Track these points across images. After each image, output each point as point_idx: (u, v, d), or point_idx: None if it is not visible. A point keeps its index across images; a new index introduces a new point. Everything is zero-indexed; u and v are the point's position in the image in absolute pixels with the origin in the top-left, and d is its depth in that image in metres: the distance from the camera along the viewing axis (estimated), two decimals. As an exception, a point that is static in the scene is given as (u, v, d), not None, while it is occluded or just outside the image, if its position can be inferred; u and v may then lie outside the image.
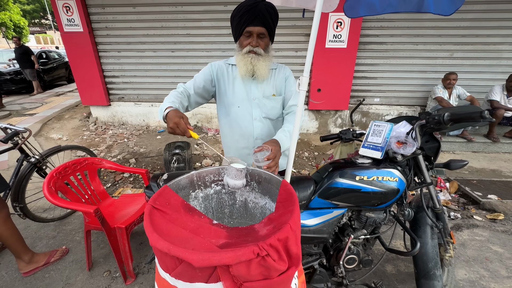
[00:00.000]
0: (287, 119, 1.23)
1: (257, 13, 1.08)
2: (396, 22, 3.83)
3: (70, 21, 4.01)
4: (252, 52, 1.16)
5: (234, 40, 1.25)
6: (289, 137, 1.08)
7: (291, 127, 1.12)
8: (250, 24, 1.10)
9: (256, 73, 1.20)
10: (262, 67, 1.18)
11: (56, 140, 4.15)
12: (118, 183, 2.97)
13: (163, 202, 0.74)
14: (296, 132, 0.97)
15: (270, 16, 1.11)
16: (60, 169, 1.62)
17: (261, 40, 1.16)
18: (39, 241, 2.03)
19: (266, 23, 1.11)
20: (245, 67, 1.18)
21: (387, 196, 1.16)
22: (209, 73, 1.28)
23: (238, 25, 1.13)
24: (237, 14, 1.12)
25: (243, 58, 1.17)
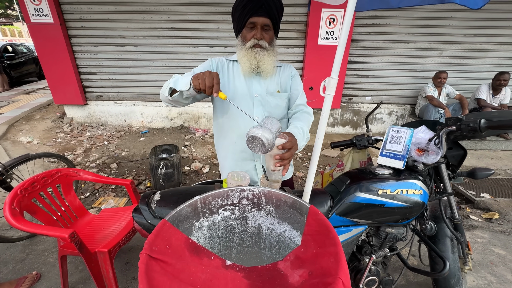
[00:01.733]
0: (296, 117, 1.11)
1: (262, 2, 0.95)
2: (388, 20, 3.79)
3: (37, 10, 3.59)
4: (257, 46, 1.01)
5: (235, 34, 1.09)
6: (303, 135, 0.98)
7: (303, 124, 1.01)
8: (254, 14, 0.97)
9: (261, 69, 1.06)
10: (268, 62, 1.05)
11: (25, 144, 3.73)
12: (98, 191, 2.69)
13: (162, 246, 0.56)
14: (319, 143, 0.82)
15: (276, 6, 0.99)
16: (27, 185, 1.36)
17: (265, 33, 1.02)
18: (4, 266, 1.74)
19: (272, 13, 0.99)
20: (249, 62, 1.04)
21: (412, 211, 1.04)
22: (209, 67, 1.13)
23: (241, 16, 0.98)
24: (240, 4, 0.98)
25: (247, 54, 1.02)
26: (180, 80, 0.90)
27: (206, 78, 0.79)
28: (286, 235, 0.79)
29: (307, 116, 1.08)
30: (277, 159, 0.75)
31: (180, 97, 0.93)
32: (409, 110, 4.37)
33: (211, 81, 0.78)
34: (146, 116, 4.42)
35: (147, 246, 0.53)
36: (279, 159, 0.75)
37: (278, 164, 0.75)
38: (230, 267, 0.64)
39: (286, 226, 0.79)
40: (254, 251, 0.88)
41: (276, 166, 0.75)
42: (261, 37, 1.00)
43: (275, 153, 0.75)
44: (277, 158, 0.75)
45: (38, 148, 3.65)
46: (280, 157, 0.76)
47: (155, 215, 0.90)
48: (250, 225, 0.84)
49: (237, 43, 1.08)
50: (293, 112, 1.11)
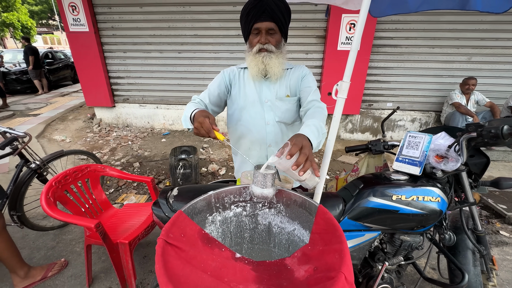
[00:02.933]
0: (309, 114, 1.01)
1: (264, 7, 0.97)
2: (412, 24, 3.68)
3: (76, 20, 3.93)
4: (263, 50, 1.04)
5: (244, 41, 1.13)
6: (318, 132, 0.86)
7: (315, 121, 0.91)
8: (258, 20, 0.99)
9: (269, 72, 1.08)
10: (275, 65, 1.06)
11: (59, 142, 4.05)
12: (121, 188, 2.85)
13: (177, 234, 0.61)
14: (330, 145, 0.83)
15: (279, 9, 1.00)
16: (60, 178, 1.50)
17: (271, 37, 1.04)
18: (37, 252, 1.90)
19: (275, 17, 1.00)
20: (256, 67, 1.07)
21: (428, 219, 1.02)
22: (222, 80, 1.18)
23: (246, 23, 1.02)
24: (244, 12, 1.02)
25: (254, 58, 1.05)
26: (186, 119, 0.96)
27: (201, 130, 0.84)
28: (296, 234, 0.81)
29: (320, 111, 1.00)
30: (294, 169, 0.67)
31: None
32: (434, 118, 4.18)
33: (204, 132, 0.83)
34: (168, 118, 4.62)
35: (164, 233, 0.58)
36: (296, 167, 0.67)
37: (302, 172, 0.67)
38: (239, 260, 0.67)
39: (295, 225, 0.81)
40: (264, 249, 0.91)
41: (300, 174, 0.68)
42: (266, 41, 1.02)
43: (289, 164, 0.68)
44: (294, 168, 0.67)
45: (70, 146, 3.95)
46: (295, 163, 0.67)
47: (172, 209, 0.96)
48: (260, 223, 0.87)
49: (245, 49, 1.12)
50: (306, 109, 1.05)
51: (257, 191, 0.74)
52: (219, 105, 1.18)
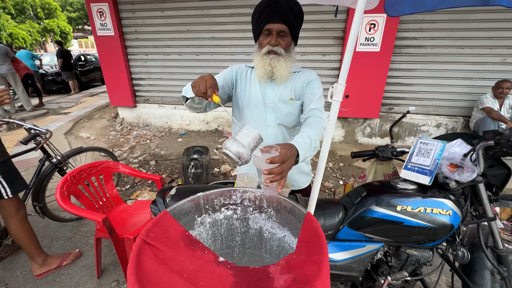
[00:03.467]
0: (307, 123, 0.99)
1: (277, 8, 0.95)
2: (438, 24, 3.46)
3: (103, 25, 4.18)
4: (272, 52, 1.02)
5: (254, 40, 1.12)
6: (309, 145, 0.83)
7: (312, 132, 0.88)
8: (270, 21, 0.98)
9: (276, 75, 1.06)
10: (282, 68, 1.04)
11: (85, 139, 4.32)
12: (136, 185, 2.97)
13: (159, 234, 0.61)
14: (325, 151, 0.80)
15: (292, 12, 0.97)
16: (75, 173, 1.59)
17: (281, 39, 1.02)
18: (56, 241, 2.03)
19: (288, 19, 0.97)
20: (263, 69, 1.06)
21: (437, 233, 0.94)
22: (229, 74, 1.18)
23: (257, 23, 1.01)
24: (256, 12, 1.01)
25: (262, 60, 1.04)
26: (188, 88, 0.93)
27: (200, 84, 0.80)
28: (286, 241, 0.79)
29: (319, 122, 0.97)
30: (265, 174, 0.66)
31: (193, 103, 0.98)
32: (462, 123, 3.88)
33: (204, 87, 0.79)
34: (185, 119, 4.74)
35: (144, 232, 0.58)
36: (267, 174, 0.66)
37: (268, 180, 0.65)
38: (222, 264, 0.66)
39: (286, 231, 0.79)
40: (256, 254, 0.89)
41: (266, 182, 0.66)
42: (276, 43, 1.01)
43: (264, 167, 0.66)
44: (265, 174, 0.66)
45: (94, 143, 4.20)
46: (268, 172, 0.66)
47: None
48: (252, 227, 0.86)
49: (254, 49, 1.11)
50: (306, 116, 1.03)
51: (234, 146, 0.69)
52: (221, 97, 1.19)
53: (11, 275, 1.71)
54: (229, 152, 0.69)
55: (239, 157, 0.69)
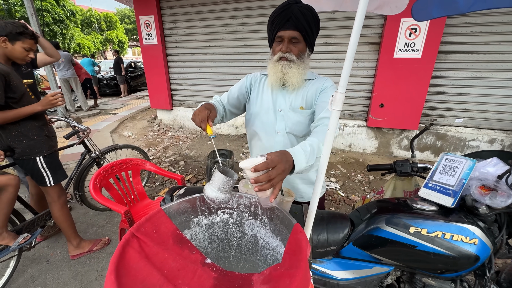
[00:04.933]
0: (315, 131, 0.96)
1: (289, 15, 0.95)
2: (493, 26, 3.06)
3: (148, 35, 4.61)
4: (283, 58, 1.02)
5: (269, 47, 1.13)
6: (310, 152, 0.79)
7: (315, 140, 0.84)
8: (282, 28, 0.98)
9: (287, 82, 1.06)
10: (294, 75, 1.03)
11: (126, 137, 4.77)
12: (165, 182, 3.17)
13: (150, 229, 0.65)
14: (324, 161, 0.76)
15: (305, 18, 0.96)
16: (108, 167, 1.77)
17: (293, 46, 1.00)
18: (91, 227, 2.27)
19: (300, 26, 0.96)
20: (275, 75, 1.06)
21: (458, 263, 0.82)
22: (244, 83, 1.21)
23: (270, 31, 1.02)
24: (270, 20, 1.02)
25: (274, 66, 1.05)
26: None
27: (196, 118, 0.88)
28: (278, 251, 0.77)
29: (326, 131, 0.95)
30: (252, 183, 0.64)
31: None
32: (523, 142, 3.35)
33: (198, 121, 0.87)
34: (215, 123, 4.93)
35: (135, 226, 0.63)
36: (253, 182, 0.63)
37: (257, 188, 0.63)
38: (207, 265, 0.67)
39: (278, 241, 0.77)
40: (251, 260, 0.89)
41: (255, 190, 0.65)
42: (288, 49, 1.00)
43: (250, 176, 0.64)
44: (252, 182, 0.64)
45: (134, 141, 4.61)
46: (254, 180, 0.63)
47: (174, 207, 1.02)
48: (247, 233, 0.86)
49: (268, 57, 1.12)
50: (315, 125, 0.99)
51: (209, 192, 0.72)
52: (238, 107, 1.22)
53: (52, 253, 1.96)
54: (206, 198, 0.73)
55: (214, 201, 0.72)
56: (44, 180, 1.63)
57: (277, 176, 0.66)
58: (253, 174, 0.64)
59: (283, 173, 0.68)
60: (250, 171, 0.63)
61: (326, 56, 3.78)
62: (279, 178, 0.67)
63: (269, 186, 0.65)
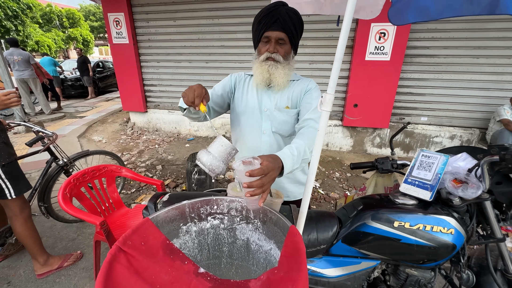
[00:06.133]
0: (300, 133, 0.99)
1: (276, 16, 0.96)
2: (452, 33, 3.37)
3: (118, 34, 4.36)
4: (270, 59, 1.02)
5: (254, 48, 1.13)
6: (297, 156, 0.82)
7: (302, 144, 0.87)
8: (269, 29, 0.98)
9: (273, 82, 1.06)
10: (280, 75, 1.04)
11: (96, 142, 4.46)
12: (142, 189, 3.01)
13: (137, 242, 0.60)
14: (315, 162, 0.77)
15: (292, 20, 0.98)
16: (79, 175, 1.63)
17: (280, 47, 1.02)
18: (60, 241, 2.08)
19: (287, 27, 0.98)
20: (261, 75, 1.05)
21: (438, 252, 0.88)
22: (228, 82, 1.19)
23: (257, 31, 1.02)
24: (256, 20, 1.02)
25: (260, 66, 1.04)
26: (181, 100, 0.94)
27: (189, 94, 0.81)
28: (272, 254, 0.76)
29: (312, 133, 0.95)
30: (245, 187, 0.63)
31: (189, 113, 0.99)
32: (478, 135, 3.71)
33: (192, 96, 0.80)
34: (193, 125, 4.81)
35: (121, 239, 0.58)
36: (247, 187, 0.63)
37: (248, 194, 0.63)
38: (201, 275, 0.64)
39: (272, 244, 0.76)
40: (243, 265, 0.86)
41: (246, 195, 0.64)
42: (275, 50, 1.01)
43: (243, 180, 0.64)
44: (245, 187, 0.63)
45: (105, 146, 4.32)
46: (248, 185, 0.63)
47: (158, 215, 0.97)
48: (239, 238, 0.83)
49: (253, 57, 1.12)
50: (300, 126, 1.02)
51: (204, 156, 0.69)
52: (221, 105, 1.19)
53: (14, 274, 1.75)
54: (200, 164, 0.69)
55: (210, 169, 0.68)
56: (3, 192, 1.46)
57: (268, 182, 0.67)
58: (246, 178, 0.64)
59: (273, 180, 0.71)
60: (244, 175, 0.62)
61: (302, 58, 3.87)
62: (270, 184, 0.69)
63: (261, 192, 0.66)
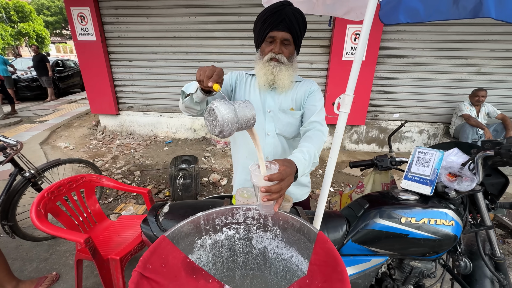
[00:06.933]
0: (307, 136, 0.97)
1: (282, 17, 0.93)
2: (418, 35, 3.63)
3: (84, 30, 4.01)
4: (274, 59, 1.00)
5: (255, 48, 1.09)
6: (309, 161, 0.82)
7: (312, 147, 0.87)
8: (274, 29, 0.95)
9: (277, 83, 1.03)
10: (284, 77, 1.02)
11: (62, 149, 4.06)
12: (120, 197, 2.80)
13: (157, 264, 0.54)
14: (332, 163, 0.76)
15: (297, 21, 0.97)
16: (53, 188, 1.45)
17: (285, 48, 1.00)
18: (29, 263, 1.84)
19: (292, 28, 0.96)
20: (265, 77, 1.02)
21: (442, 244, 0.92)
22: (229, 80, 1.13)
23: (261, 30, 0.98)
24: (260, 19, 0.98)
25: (264, 67, 1.01)
26: (192, 84, 0.86)
27: (208, 69, 0.73)
28: (293, 261, 0.74)
29: (319, 136, 0.95)
30: (262, 191, 0.62)
31: (191, 102, 0.88)
32: (442, 129, 4.06)
33: (212, 72, 0.72)
34: (171, 126, 4.61)
35: (141, 264, 0.51)
36: (265, 192, 0.62)
37: (265, 198, 0.62)
38: (228, 293, 0.60)
39: (293, 251, 0.73)
40: (259, 275, 0.83)
41: (263, 200, 0.62)
42: (280, 51, 0.98)
43: (261, 184, 0.61)
44: (263, 191, 0.62)
45: (73, 153, 3.95)
46: (266, 190, 0.62)
47: (162, 228, 0.89)
48: (255, 247, 0.80)
49: (255, 57, 1.08)
50: (306, 129, 1.01)
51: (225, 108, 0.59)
52: None
53: (-25, 306, 1.51)
54: (218, 113, 0.58)
55: (222, 124, 0.59)
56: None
57: (285, 187, 0.66)
58: (264, 182, 0.62)
59: (290, 184, 0.69)
60: (263, 179, 0.60)
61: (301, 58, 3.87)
62: (286, 189, 0.68)
63: (278, 197, 0.65)
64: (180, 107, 0.96)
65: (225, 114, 0.58)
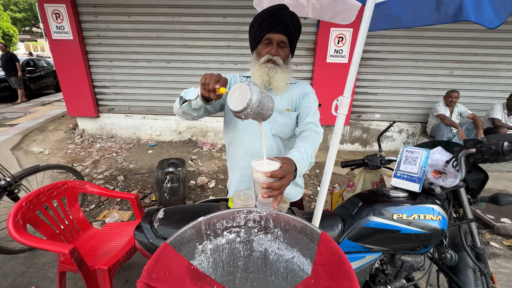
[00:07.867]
0: (303, 136, 0.99)
1: (279, 19, 0.95)
2: (397, 39, 3.81)
3: (59, 28, 3.80)
4: (271, 61, 1.01)
5: (251, 50, 1.09)
6: (306, 160, 0.84)
7: (308, 147, 0.89)
8: (271, 31, 0.97)
9: (272, 85, 1.04)
10: (280, 79, 1.03)
11: (37, 154, 3.81)
12: (103, 204, 2.68)
13: (162, 273, 0.52)
14: (330, 164, 0.78)
15: (293, 24, 0.99)
16: (32, 197, 1.36)
17: (281, 50, 1.01)
18: (4, 279, 1.71)
19: (289, 31, 0.98)
20: (261, 78, 1.03)
21: (431, 238, 0.97)
22: None
23: (258, 32, 0.98)
24: (257, 21, 0.99)
25: (260, 69, 1.01)
26: (191, 90, 0.88)
27: (215, 75, 0.76)
28: (295, 262, 0.74)
29: (315, 137, 0.98)
30: (264, 188, 0.63)
31: (189, 108, 0.90)
32: (420, 129, 4.28)
33: (219, 77, 0.75)
34: (155, 129, 4.48)
35: (145, 273, 0.49)
36: (266, 188, 0.63)
37: (266, 194, 0.63)
38: (234, 298, 0.59)
39: (294, 252, 0.74)
40: (259, 278, 0.82)
41: (263, 196, 0.64)
42: (276, 53, 1.00)
43: (263, 180, 0.63)
44: (264, 187, 0.63)
45: (49, 158, 3.72)
46: (268, 186, 0.63)
47: (157, 235, 0.86)
48: (256, 249, 0.79)
49: (251, 58, 1.08)
50: (301, 130, 1.03)
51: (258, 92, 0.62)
52: (214, 105, 1.12)
53: None
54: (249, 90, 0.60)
55: (250, 101, 0.60)
56: None
57: (286, 184, 0.69)
58: (266, 179, 0.64)
59: (289, 182, 0.72)
60: (265, 176, 0.62)
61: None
62: (286, 187, 0.70)
63: (278, 194, 0.67)
64: (175, 110, 0.95)
65: (255, 94, 0.61)
